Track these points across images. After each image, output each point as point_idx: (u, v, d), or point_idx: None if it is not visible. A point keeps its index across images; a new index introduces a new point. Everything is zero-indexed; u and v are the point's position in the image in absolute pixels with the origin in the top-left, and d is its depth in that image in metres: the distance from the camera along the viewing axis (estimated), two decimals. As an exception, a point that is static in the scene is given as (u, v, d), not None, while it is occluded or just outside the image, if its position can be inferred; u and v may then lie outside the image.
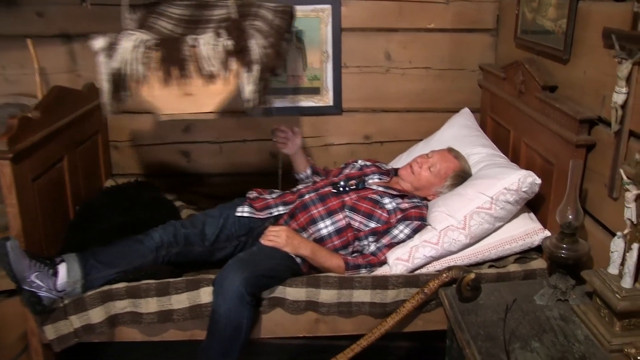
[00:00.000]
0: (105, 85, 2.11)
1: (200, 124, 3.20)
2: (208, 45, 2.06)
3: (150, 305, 2.20)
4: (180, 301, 2.21)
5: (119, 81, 2.10)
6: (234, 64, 2.08)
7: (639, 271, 1.66)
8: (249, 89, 2.08)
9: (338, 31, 3.08)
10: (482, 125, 3.10)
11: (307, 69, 3.14)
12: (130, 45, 2.07)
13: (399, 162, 3.00)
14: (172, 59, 2.07)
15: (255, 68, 2.08)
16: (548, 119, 2.30)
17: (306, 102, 3.19)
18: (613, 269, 1.72)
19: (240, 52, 2.07)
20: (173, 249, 2.35)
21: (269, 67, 2.12)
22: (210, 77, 2.09)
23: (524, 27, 2.71)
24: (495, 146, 2.81)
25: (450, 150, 2.69)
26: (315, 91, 3.17)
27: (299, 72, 3.14)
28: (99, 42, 2.10)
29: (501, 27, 3.09)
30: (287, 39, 2.44)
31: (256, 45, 2.08)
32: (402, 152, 3.14)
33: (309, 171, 2.85)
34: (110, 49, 2.08)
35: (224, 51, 2.06)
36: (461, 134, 2.94)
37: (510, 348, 1.69)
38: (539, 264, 2.31)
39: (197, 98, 2.11)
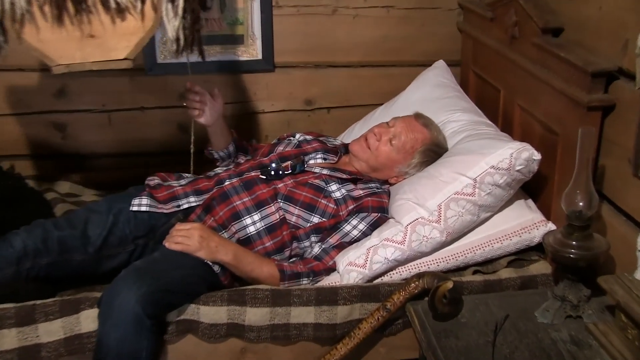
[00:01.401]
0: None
1: (79, 86, 3.14)
2: None
3: (6, 339, 2.11)
4: (51, 331, 2.14)
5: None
6: None
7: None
8: (173, 26, 2.07)
9: (268, -43, 3.07)
10: (463, 83, 3.16)
11: (226, 10, 3.10)
12: None
13: (351, 135, 3.03)
14: None
15: None
16: (550, 72, 2.32)
17: (225, 55, 3.16)
18: (642, 274, 1.71)
19: None
20: (42, 259, 2.30)
21: None
22: (119, 12, 2.06)
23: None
24: (479, 111, 2.84)
25: (419, 116, 2.68)
26: (237, 40, 3.15)
27: (214, 14, 3.08)
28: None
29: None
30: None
31: None
32: (355, 121, 3.19)
33: (231, 148, 2.83)
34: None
35: None
36: (434, 95, 2.96)
37: (504, 383, 1.69)
38: (541, 267, 2.36)
39: (104, 41, 2.10)
